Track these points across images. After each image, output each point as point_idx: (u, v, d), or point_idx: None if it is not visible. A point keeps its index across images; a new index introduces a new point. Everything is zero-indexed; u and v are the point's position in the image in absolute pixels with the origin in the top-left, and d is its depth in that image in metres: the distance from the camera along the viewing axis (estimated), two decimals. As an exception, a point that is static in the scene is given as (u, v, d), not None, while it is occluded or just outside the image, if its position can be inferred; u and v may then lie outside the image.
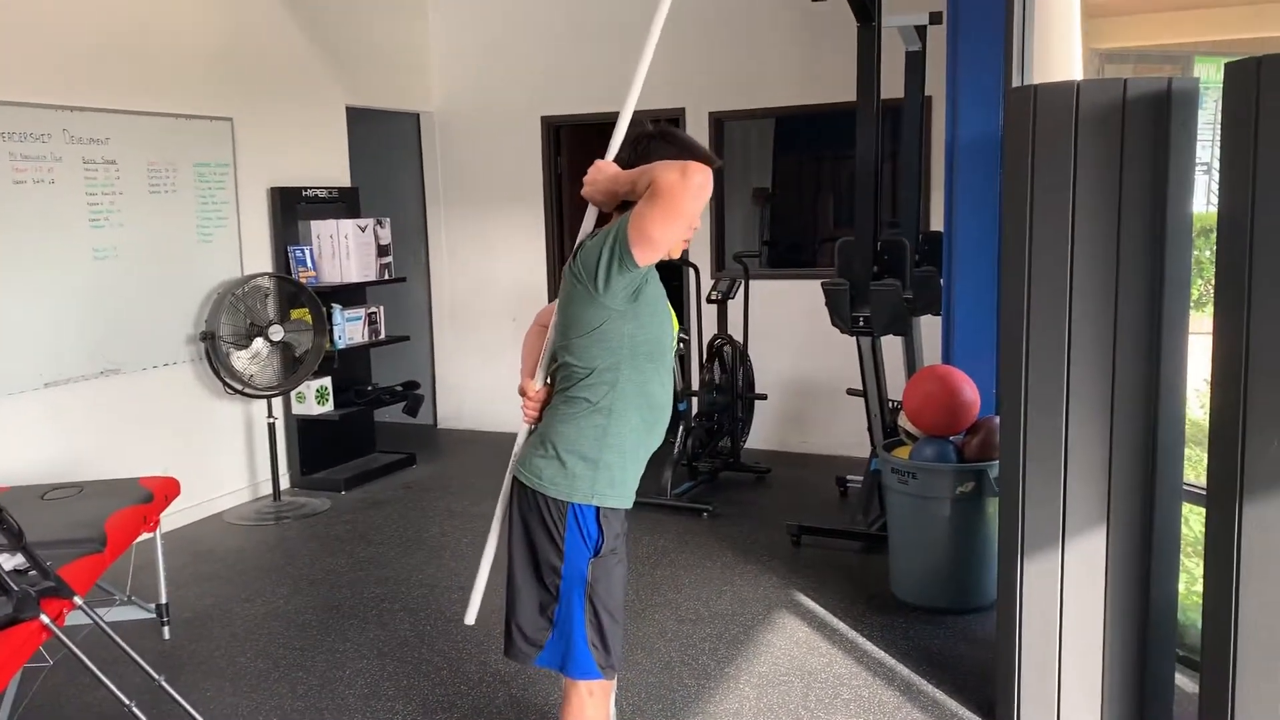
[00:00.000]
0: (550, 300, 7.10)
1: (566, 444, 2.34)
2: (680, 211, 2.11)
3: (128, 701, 2.79)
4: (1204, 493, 2.62)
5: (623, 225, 2.16)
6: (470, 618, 2.61)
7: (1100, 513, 2.88)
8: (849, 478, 5.69)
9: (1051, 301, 2.85)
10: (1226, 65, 2.40)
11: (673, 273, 7.17)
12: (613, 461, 2.34)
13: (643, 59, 2.39)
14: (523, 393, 2.48)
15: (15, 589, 2.57)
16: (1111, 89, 2.74)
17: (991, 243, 4.11)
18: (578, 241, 2.37)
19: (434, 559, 4.83)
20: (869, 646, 3.81)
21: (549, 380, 2.46)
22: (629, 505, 2.41)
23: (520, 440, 2.50)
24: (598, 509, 2.35)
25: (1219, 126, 3.80)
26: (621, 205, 2.30)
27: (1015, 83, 4.02)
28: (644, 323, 2.30)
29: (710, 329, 6.01)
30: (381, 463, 6.41)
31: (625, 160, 2.34)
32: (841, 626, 3.98)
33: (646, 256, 2.17)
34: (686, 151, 2.30)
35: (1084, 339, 2.83)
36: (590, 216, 2.44)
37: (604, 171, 2.30)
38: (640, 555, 4.81)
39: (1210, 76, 5.04)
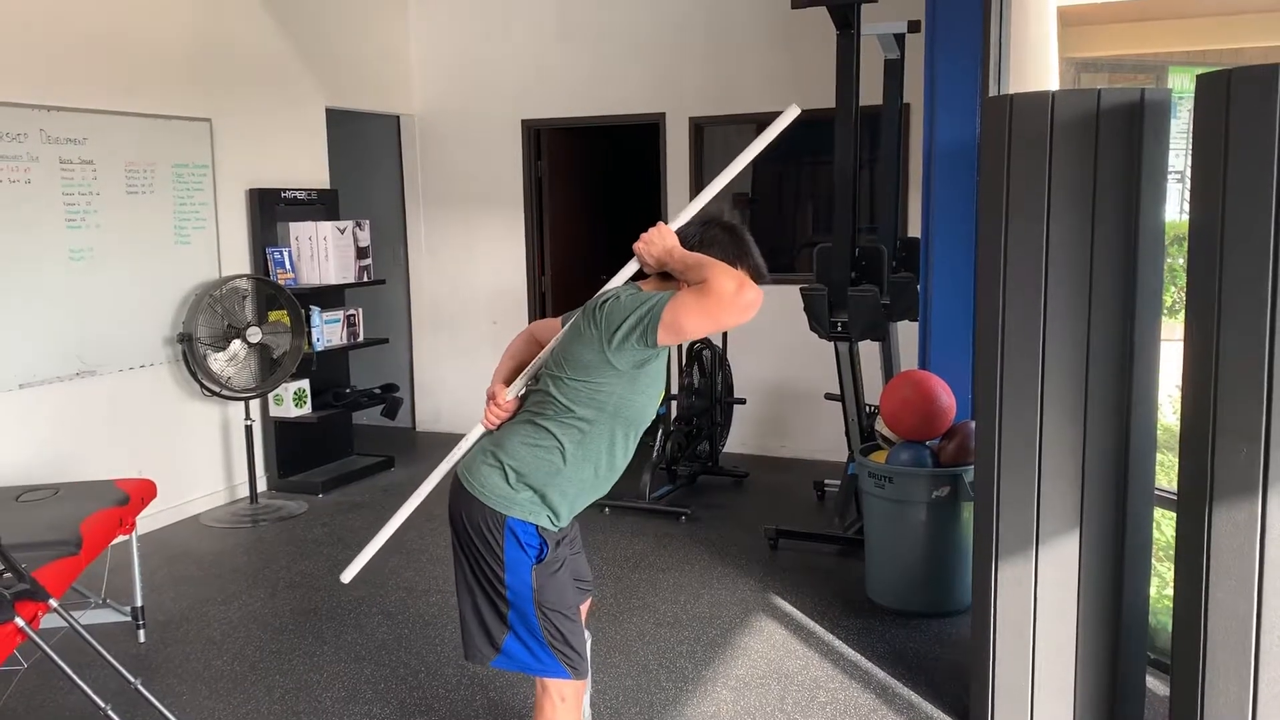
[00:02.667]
0: (533, 312, 7.12)
1: (517, 464, 2.37)
2: (720, 320, 2.17)
3: (103, 705, 2.78)
4: (1175, 497, 2.66)
5: (660, 304, 2.19)
6: (347, 576, 2.71)
7: (1074, 517, 2.91)
8: (826, 482, 5.72)
9: (1026, 308, 2.88)
10: (1199, 77, 2.44)
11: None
12: (555, 500, 2.40)
13: (736, 163, 2.52)
14: (492, 397, 2.49)
15: (-10, 591, 2.56)
16: (1086, 99, 2.78)
17: (968, 249, 4.15)
18: (609, 289, 2.39)
19: (412, 563, 4.82)
20: (845, 649, 3.83)
21: (521, 394, 2.48)
22: (557, 529, 2.45)
23: (472, 438, 2.53)
24: (535, 525, 2.40)
25: (1191, 136, 3.85)
26: (663, 273, 2.36)
27: (992, 91, 4.06)
28: (638, 389, 2.33)
29: (689, 333, 6.02)
30: (359, 465, 6.40)
31: (690, 237, 2.39)
32: (818, 629, 4.00)
33: (669, 340, 2.21)
34: (744, 255, 2.40)
35: (1058, 345, 2.86)
36: (630, 268, 2.48)
37: (665, 239, 2.32)
38: (618, 558, 4.82)
39: (1183, 86, 5.11)
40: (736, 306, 2.13)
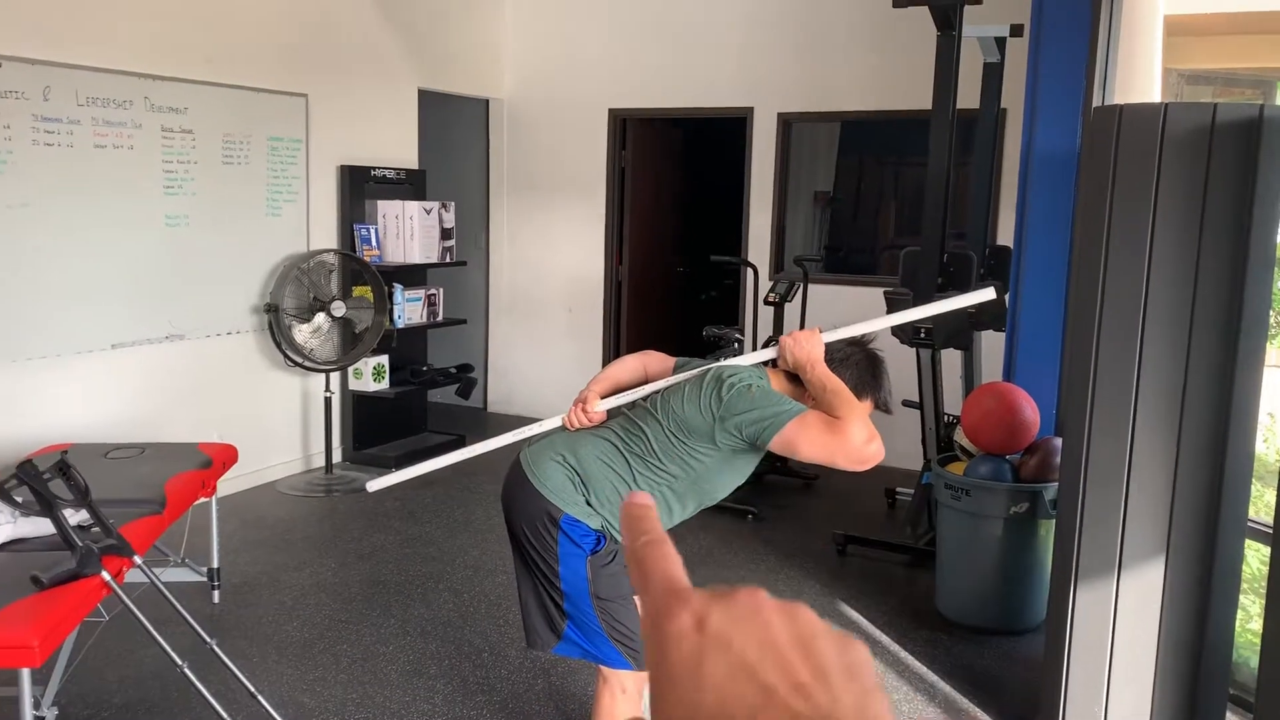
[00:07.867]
0: (608, 302, 7.13)
1: (586, 474, 2.41)
2: (834, 461, 2.20)
3: (180, 662, 2.84)
4: (1264, 529, 2.57)
5: (787, 416, 2.21)
6: (373, 486, 2.88)
7: (1160, 542, 2.83)
8: (899, 490, 5.64)
9: (1123, 324, 2.80)
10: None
11: (730, 272, 7.15)
12: (608, 521, 2.44)
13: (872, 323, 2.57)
14: (583, 401, 2.51)
15: (80, 544, 2.63)
16: (1200, 113, 2.69)
17: (1062, 260, 4.05)
18: (738, 365, 2.41)
19: (479, 541, 4.87)
20: (911, 661, 3.78)
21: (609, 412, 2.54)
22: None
23: (546, 427, 2.57)
24: (588, 524, 2.44)
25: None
26: (793, 375, 2.40)
27: (1096, 100, 3.96)
28: (728, 469, 2.39)
29: (765, 330, 5.98)
30: (432, 443, 6.47)
31: (833, 351, 2.43)
32: (884, 639, 3.95)
33: (778, 451, 2.25)
34: (876, 387, 2.44)
35: (1154, 364, 2.78)
36: (765, 354, 2.51)
37: (814, 348, 2.34)
38: (682, 552, 4.68)
39: (1297, 104, 4.92)
40: (857, 458, 2.17)
